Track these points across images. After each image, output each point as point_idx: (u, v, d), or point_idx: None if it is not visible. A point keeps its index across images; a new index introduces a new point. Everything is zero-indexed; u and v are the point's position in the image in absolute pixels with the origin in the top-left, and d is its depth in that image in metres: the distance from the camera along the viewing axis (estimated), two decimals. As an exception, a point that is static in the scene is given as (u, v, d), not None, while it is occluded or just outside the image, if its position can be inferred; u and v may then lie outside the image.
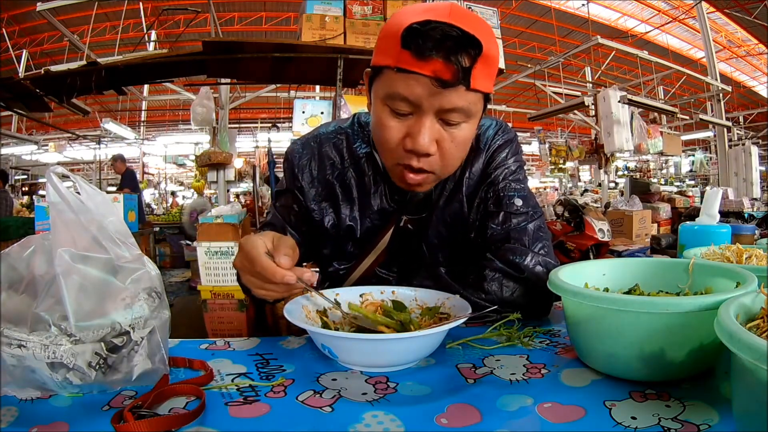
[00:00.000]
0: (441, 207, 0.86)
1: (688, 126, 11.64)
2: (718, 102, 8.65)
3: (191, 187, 9.64)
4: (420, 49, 0.64)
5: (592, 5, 9.75)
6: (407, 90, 0.68)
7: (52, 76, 3.77)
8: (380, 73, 0.72)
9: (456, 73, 0.65)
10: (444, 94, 0.67)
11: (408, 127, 0.71)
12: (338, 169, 0.87)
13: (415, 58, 0.65)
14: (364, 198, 0.86)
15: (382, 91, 0.72)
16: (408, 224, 0.87)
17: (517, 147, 0.91)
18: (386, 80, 0.70)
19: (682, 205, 6.77)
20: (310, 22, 3.38)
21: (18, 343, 0.47)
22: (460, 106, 0.69)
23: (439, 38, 0.64)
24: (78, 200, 0.52)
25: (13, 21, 9.36)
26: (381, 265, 0.89)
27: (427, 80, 0.66)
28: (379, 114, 0.73)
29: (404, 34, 0.65)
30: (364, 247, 0.89)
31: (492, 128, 0.90)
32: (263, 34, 11.43)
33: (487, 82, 0.71)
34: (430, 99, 0.67)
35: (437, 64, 0.65)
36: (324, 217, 0.87)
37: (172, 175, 15.45)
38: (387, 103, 0.71)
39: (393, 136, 0.72)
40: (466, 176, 0.86)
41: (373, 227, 0.87)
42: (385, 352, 0.55)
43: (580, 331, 0.55)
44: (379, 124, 0.74)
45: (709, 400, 0.46)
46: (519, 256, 0.77)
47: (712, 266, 0.62)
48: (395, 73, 0.68)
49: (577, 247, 4.22)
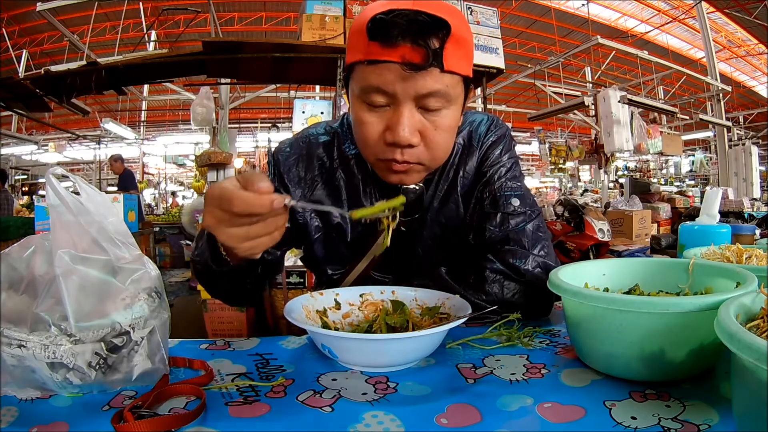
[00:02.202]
0: (436, 208, 0.85)
1: (688, 126, 11.65)
2: (718, 102, 8.66)
3: (191, 187, 9.63)
4: (387, 38, 0.64)
5: (592, 5, 9.75)
6: (379, 79, 0.67)
7: (52, 76, 3.77)
8: (353, 71, 0.72)
9: (425, 56, 0.64)
10: (418, 79, 0.66)
11: (387, 120, 0.70)
12: (327, 170, 0.85)
13: (383, 47, 0.65)
14: (354, 200, 0.84)
15: (356, 88, 0.71)
16: (401, 227, 0.84)
17: (511, 142, 0.89)
18: (359, 75, 0.70)
19: (682, 205, 6.77)
20: (310, 22, 3.38)
21: (18, 343, 0.47)
22: (437, 89, 0.67)
23: (404, 24, 0.63)
24: (78, 202, 0.52)
25: (13, 21, 9.36)
26: (376, 269, 0.87)
27: (397, 66, 0.65)
28: (356, 112, 0.72)
29: (369, 26, 0.65)
30: (357, 251, 0.87)
31: (483, 124, 0.88)
32: (263, 34, 11.42)
33: (463, 64, 0.70)
34: (404, 85, 0.66)
35: (405, 49, 0.64)
36: (310, 219, 0.85)
37: (172, 175, 15.46)
38: (363, 99, 0.71)
39: (372, 132, 0.71)
40: (460, 176, 0.85)
41: (365, 231, 0.85)
42: (385, 352, 0.55)
43: (580, 331, 0.55)
44: (357, 122, 0.73)
45: (709, 400, 0.46)
46: (519, 259, 0.76)
47: (712, 266, 0.62)
48: (366, 66, 0.68)
49: (577, 247, 4.22)
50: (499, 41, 3.77)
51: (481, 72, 3.74)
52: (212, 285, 0.78)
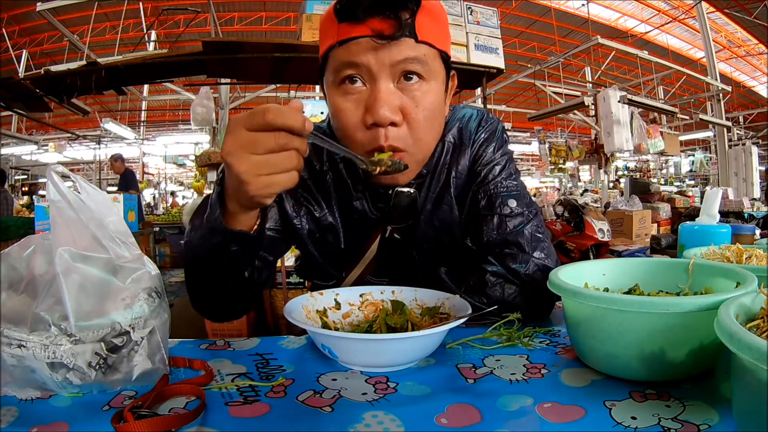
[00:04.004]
0: (429, 211, 0.82)
1: (688, 126, 11.64)
2: (718, 102, 8.66)
3: (191, 187, 9.63)
4: (355, 15, 0.64)
5: (592, 5, 9.76)
6: (352, 55, 0.66)
7: (52, 76, 3.77)
8: (327, 60, 0.70)
9: (396, 26, 0.64)
10: (392, 47, 0.65)
11: (365, 102, 0.67)
12: (317, 172, 0.82)
13: (353, 25, 0.65)
14: (345, 204, 0.81)
15: (330, 74, 0.70)
16: (394, 233, 0.82)
17: (503, 137, 0.86)
18: (332, 60, 0.69)
19: (682, 205, 6.77)
20: (310, 22, 3.38)
21: (18, 343, 0.47)
22: (414, 56, 0.66)
23: (371, 0, 0.64)
24: (78, 199, 0.52)
25: (13, 21, 9.36)
26: (373, 274, 0.85)
27: (369, 40, 0.64)
28: (333, 101, 0.70)
29: (337, 7, 0.65)
30: (351, 258, 0.84)
31: (474, 120, 0.85)
32: (263, 34, 11.44)
33: (439, 38, 0.69)
34: (378, 56, 0.65)
35: (375, 23, 0.64)
36: (302, 223, 0.81)
37: (172, 175, 15.46)
38: (338, 84, 0.69)
39: (351, 118, 0.68)
40: (453, 176, 0.82)
41: (357, 237, 0.83)
42: (385, 352, 0.55)
43: (580, 331, 0.55)
44: (335, 112, 0.70)
45: (709, 400, 0.46)
46: (520, 263, 0.74)
47: (712, 266, 0.62)
48: (338, 48, 0.67)
49: (577, 247, 4.22)
50: (499, 41, 3.77)
51: (481, 72, 3.73)
52: (203, 276, 0.69)
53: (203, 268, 0.68)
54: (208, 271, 0.68)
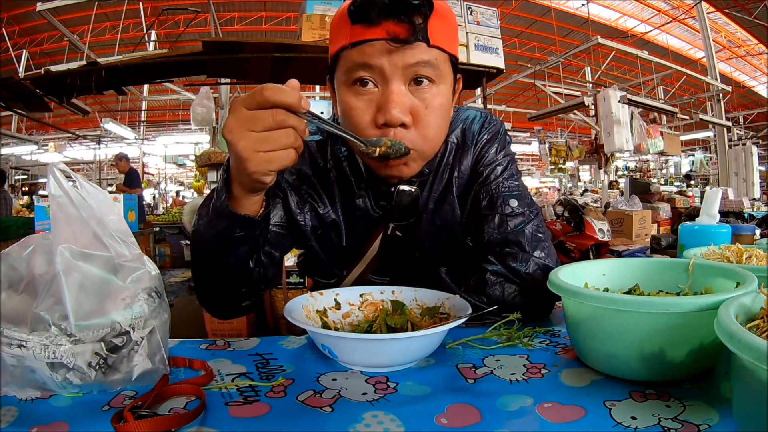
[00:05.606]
0: (431, 210, 0.83)
1: (688, 126, 11.65)
2: (718, 102, 8.66)
3: (191, 187, 9.63)
4: (369, 17, 0.64)
5: (592, 5, 9.76)
6: (366, 56, 0.66)
7: (52, 76, 3.76)
8: (338, 60, 0.71)
9: (410, 30, 0.64)
10: (405, 51, 0.66)
11: (376, 102, 0.68)
12: (320, 170, 0.83)
13: (367, 28, 0.65)
14: (348, 201, 0.82)
15: (342, 74, 0.70)
16: (396, 231, 0.83)
17: (506, 139, 0.87)
18: (344, 61, 0.69)
19: (682, 205, 6.77)
20: (310, 22, 3.38)
21: (18, 343, 0.47)
22: (426, 60, 0.67)
23: (386, 3, 0.64)
24: (79, 195, 0.52)
25: (13, 21, 9.36)
26: (374, 272, 0.86)
27: (383, 43, 0.65)
28: (344, 100, 0.71)
29: (351, 9, 0.66)
30: (353, 256, 0.85)
31: (477, 121, 0.86)
32: (263, 34, 11.43)
33: (449, 42, 0.70)
34: (391, 59, 0.66)
35: (389, 26, 0.65)
36: (306, 220, 0.82)
37: (172, 175, 15.46)
38: (349, 83, 0.69)
39: (362, 117, 0.69)
40: (455, 176, 0.83)
41: (359, 235, 0.83)
42: (385, 352, 0.55)
43: (580, 331, 0.55)
44: (346, 110, 0.71)
45: (709, 400, 0.46)
46: (520, 262, 0.75)
47: (712, 266, 0.62)
48: (351, 49, 0.67)
49: (577, 247, 4.22)
50: (499, 41, 3.77)
51: (481, 72, 3.73)
52: (209, 265, 0.69)
53: (209, 256, 0.69)
54: (213, 260, 0.68)
